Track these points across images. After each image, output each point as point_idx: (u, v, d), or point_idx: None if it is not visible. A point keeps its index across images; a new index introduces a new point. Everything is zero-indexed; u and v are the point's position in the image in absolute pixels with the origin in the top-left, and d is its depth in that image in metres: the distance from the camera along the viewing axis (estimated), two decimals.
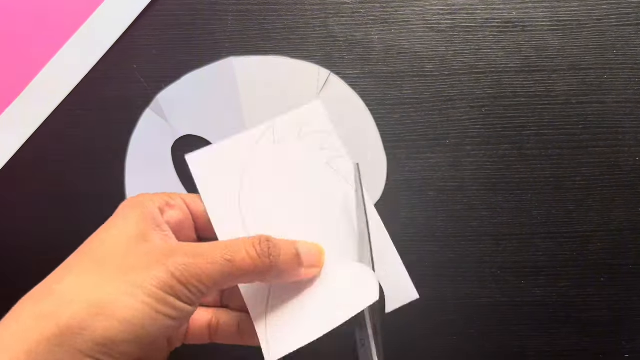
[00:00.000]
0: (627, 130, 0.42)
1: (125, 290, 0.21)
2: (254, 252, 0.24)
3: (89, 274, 0.22)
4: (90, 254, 0.24)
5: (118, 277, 0.22)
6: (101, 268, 0.22)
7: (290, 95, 0.43)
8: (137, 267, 0.22)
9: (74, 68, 0.42)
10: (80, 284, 0.22)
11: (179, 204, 0.28)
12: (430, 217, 0.42)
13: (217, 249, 0.24)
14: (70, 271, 0.23)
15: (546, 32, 0.42)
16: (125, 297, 0.21)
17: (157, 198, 0.27)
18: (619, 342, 0.42)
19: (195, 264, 0.23)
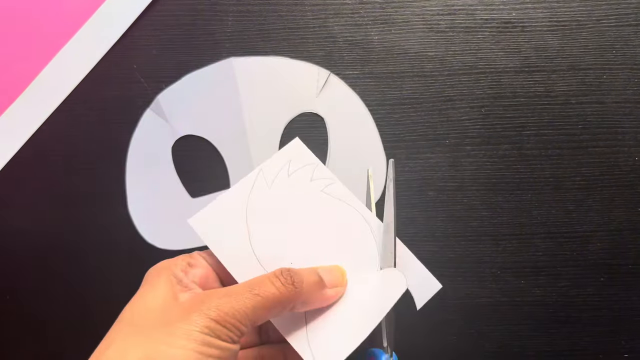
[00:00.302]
0: (627, 130, 0.42)
1: (170, 342, 0.23)
2: (278, 283, 0.26)
3: (132, 338, 0.24)
4: (128, 321, 0.25)
5: (160, 333, 0.23)
6: (142, 330, 0.24)
7: (290, 95, 0.43)
8: (175, 319, 0.24)
9: (74, 68, 0.42)
10: (126, 348, 0.23)
11: (200, 262, 0.29)
12: (430, 217, 0.42)
13: (244, 287, 0.25)
14: (114, 340, 0.24)
15: (546, 32, 0.42)
16: (171, 349, 0.22)
17: (179, 261, 0.29)
18: (618, 342, 0.42)
19: (228, 303, 0.24)
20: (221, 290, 0.26)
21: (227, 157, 0.43)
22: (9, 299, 0.43)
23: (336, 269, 0.29)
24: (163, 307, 0.25)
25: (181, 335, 0.23)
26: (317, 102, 0.43)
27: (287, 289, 0.26)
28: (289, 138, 0.42)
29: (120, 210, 0.42)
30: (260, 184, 0.32)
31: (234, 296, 0.25)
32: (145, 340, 0.23)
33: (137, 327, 0.24)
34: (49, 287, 0.43)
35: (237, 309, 0.24)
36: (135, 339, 0.23)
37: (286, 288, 0.26)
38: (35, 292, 0.43)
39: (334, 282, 0.29)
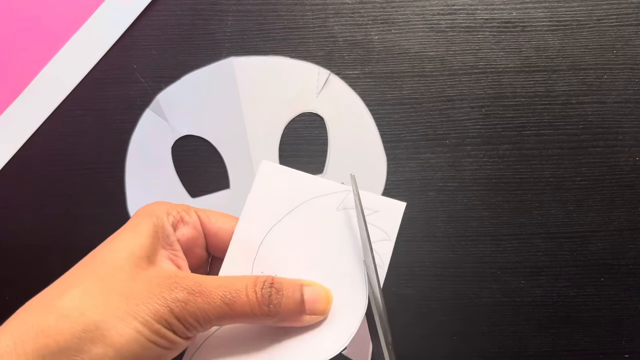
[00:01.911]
0: (627, 131, 0.42)
1: (124, 317, 0.22)
2: (254, 298, 0.24)
3: (90, 294, 0.22)
4: (95, 269, 0.24)
5: (119, 303, 0.22)
6: (103, 289, 0.23)
7: (290, 95, 0.43)
8: (138, 295, 0.22)
9: (74, 68, 0.42)
10: (81, 304, 0.22)
11: (193, 221, 0.27)
12: (430, 217, 0.42)
13: (218, 289, 0.24)
14: (73, 286, 0.23)
15: (546, 32, 0.42)
16: (123, 325, 0.21)
17: (173, 211, 0.27)
18: (619, 342, 0.42)
19: (195, 303, 0.23)
20: (193, 282, 0.23)
21: (227, 157, 0.43)
22: (8, 299, 0.43)
23: (323, 293, 0.26)
24: (134, 267, 0.24)
25: (137, 316, 0.22)
26: (317, 102, 0.43)
27: (261, 309, 0.24)
28: (289, 138, 0.43)
29: (120, 210, 0.42)
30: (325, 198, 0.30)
31: (204, 297, 0.23)
32: (101, 305, 0.22)
33: (100, 282, 0.23)
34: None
35: (202, 311, 0.23)
36: (92, 299, 0.22)
37: (260, 308, 0.24)
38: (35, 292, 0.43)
39: (316, 309, 0.26)
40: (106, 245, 0.25)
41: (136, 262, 0.24)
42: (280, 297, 0.24)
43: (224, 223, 0.28)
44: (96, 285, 0.23)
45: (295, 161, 0.43)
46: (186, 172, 0.43)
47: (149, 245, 0.25)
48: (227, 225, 0.28)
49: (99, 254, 0.25)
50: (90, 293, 0.22)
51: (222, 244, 0.28)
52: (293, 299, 0.25)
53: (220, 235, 0.28)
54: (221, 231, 0.28)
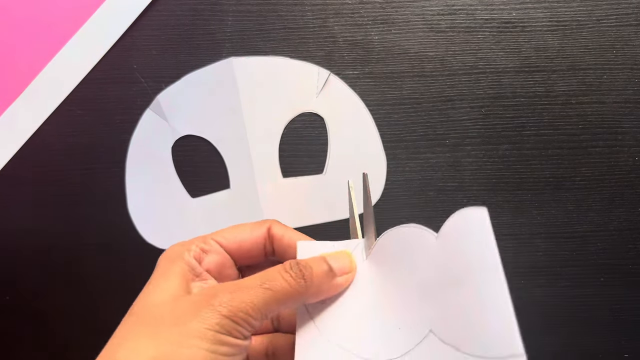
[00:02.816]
0: (627, 131, 0.42)
1: (181, 342, 0.22)
2: (289, 277, 0.25)
3: (144, 338, 0.23)
4: (140, 318, 0.25)
5: (171, 332, 0.23)
6: (154, 329, 0.23)
7: (290, 95, 0.43)
8: (185, 317, 0.23)
9: (74, 68, 0.42)
10: (138, 349, 0.23)
11: (214, 248, 0.29)
12: (430, 217, 0.42)
13: (255, 280, 0.25)
14: (125, 339, 0.24)
15: (546, 32, 0.42)
16: (183, 349, 0.22)
17: (193, 247, 0.28)
18: (619, 342, 0.42)
19: (239, 297, 0.24)
20: (231, 283, 0.25)
21: (227, 156, 0.43)
22: (9, 299, 0.43)
23: (343, 255, 0.28)
24: (174, 300, 0.25)
25: (193, 334, 0.22)
26: (317, 102, 0.43)
27: (298, 282, 0.25)
28: (289, 138, 0.43)
29: (120, 210, 0.42)
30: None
31: (245, 290, 0.24)
32: (156, 340, 0.23)
33: (148, 324, 0.24)
34: (49, 287, 0.43)
35: (248, 303, 0.24)
36: (147, 341, 0.23)
37: (297, 282, 0.25)
38: (35, 292, 0.43)
39: (343, 269, 0.28)
40: (142, 296, 0.26)
41: (176, 298, 0.25)
42: (309, 268, 0.26)
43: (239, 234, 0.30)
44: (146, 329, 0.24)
45: (295, 161, 0.43)
46: (186, 172, 0.43)
47: (181, 282, 0.26)
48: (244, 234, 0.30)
49: (138, 305, 0.26)
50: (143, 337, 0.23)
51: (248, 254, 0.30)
52: (322, 269, 0.27)
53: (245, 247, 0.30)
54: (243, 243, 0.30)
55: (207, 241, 0.29)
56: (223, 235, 0.29)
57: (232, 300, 0.23)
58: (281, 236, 0.30)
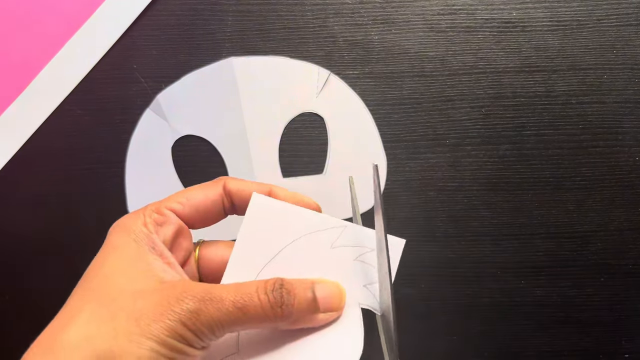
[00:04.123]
0: (627, 131, 0.42)
1: (137, 340, 0.21)
2: (265, 300, 0.23)
3: (96, 321, 0.22)
4: (93, 296, 0.23)
5: (128, 325, 0.21)
6: (109, 314, 0.22)
7: (290, 95, 0.43)
8: (147, 313, 0.22)
9: (74, 68, 0.42)
10: (88, 332, 0.21)
11: (169, 217, 0.27)
12: (430, 217, 0.42)
13: (228, 294, 0.23)
14: (76, 317, 0.22)
15: (546, 32, 0.42)
16: (138, 348, 0.21)
17: (147, 218, 0.26)
18: (619, 342, 0.42)
19: (207, 312, 0.22)
20: (202, 290, 0.23)
21: (227, 156, 0.43)
22: (8, 299, 0.43)
23: (335, 288, 0.26)
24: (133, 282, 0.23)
25: (151, 336, 0.21)
26: (317, 102, 0.43)
27: (274, 312, 0.23)
28: (289, 138, 0.43)
29: (120, 210, 0.42)
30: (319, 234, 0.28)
31: (215, 304, 0.22)
32: (108, 331, 0.21)
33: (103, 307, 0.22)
34: (49, 287, 0.43)
35: (214, 319, 0.22)
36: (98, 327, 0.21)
37: (273, 310, 0.23)
38: (35, 292, 0.43)
39: (329, 305, 0.25)
40: (95, 271, 0.24)
41: (133, 281, 0.23)
42: (291, 297, 0.24)
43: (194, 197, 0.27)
44: (99, 311, 0.22)
45: (295, 161, 0.43)
46: (186, 172, 0.43)
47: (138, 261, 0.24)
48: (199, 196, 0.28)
49: (92, 282, 0.24)
50: (95, 320, 0.22)
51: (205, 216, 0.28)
52: (305, 298, 0.24)
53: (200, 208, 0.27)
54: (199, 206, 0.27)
55: (161, 210, 0.26)
56: (177, 201, 0.27)
57: (199, 314, 0.22)
58: (239, 190, 0.28)
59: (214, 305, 0.22)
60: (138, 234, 0.25)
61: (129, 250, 0.24)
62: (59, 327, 0.22)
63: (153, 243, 0.25)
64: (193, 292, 0.23)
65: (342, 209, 0.43)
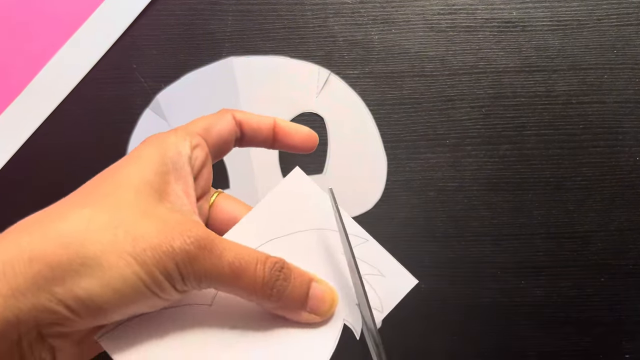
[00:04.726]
0: (627, 131, 0.42)
1: (127, 259, 0.20)
2: (261, 275, 0.22)
3: (96, 224, 0.21)
4: (101, 198, 0.22)
5: (125, 242, 0.20)
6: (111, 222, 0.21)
7: (290, 95, 0.43)
8: (147, 237, 0.21)
9: (74, 68, 0.42)
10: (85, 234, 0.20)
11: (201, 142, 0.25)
12: (430, 217, 0.42)
13: (229, 252, 0.22)
14: (77, 210, 0.21)
15: (546, 32, 0.42)
16: (125, 267, 0.20)
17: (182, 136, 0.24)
18: (619, 342, 0.42)
19: (202, 261, 0.21)
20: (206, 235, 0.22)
21: (227, 157, 0.43)
22: None
23: (330, 294, 0.25)
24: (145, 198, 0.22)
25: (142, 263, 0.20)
26: (317, 101, 0.43)
27: (264, 290, 0.23)
28: None
29: None
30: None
31: (213, 258, 0.21)
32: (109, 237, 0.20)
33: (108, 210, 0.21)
34: None
35: (207, 273, 0.21)
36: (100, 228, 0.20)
37: (263, 288, 0.23)
38: None
39: (317, 308, 0.24)
40: (108, 174, 0.23)
41: (144, 198, 0.22)
42: (286, 284, 0.23)
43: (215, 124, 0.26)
44: (103, 216, 0.21)
45: (296, 161, 0.43)
46: None
47: (157, 178, 0.23)
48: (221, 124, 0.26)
49: (101, 185, 0.23)
50: (96, 222, 0.21)
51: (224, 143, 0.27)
52: (298, 291, 0.24)
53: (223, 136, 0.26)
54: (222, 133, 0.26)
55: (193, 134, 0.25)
56: (202, 127, 0.26)
57: (195, 258, 0.21)
58: (247, 119, 0.27)
59: (212, 259, 0.22)
60: (167, 149, 0.24)
61: (151, 164, 0.23)
62: (56, 214, 0.21)
63: (180, 164, 0.24)
64: (197, 235, 0.22)
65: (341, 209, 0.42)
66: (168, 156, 0.23)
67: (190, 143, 0.24)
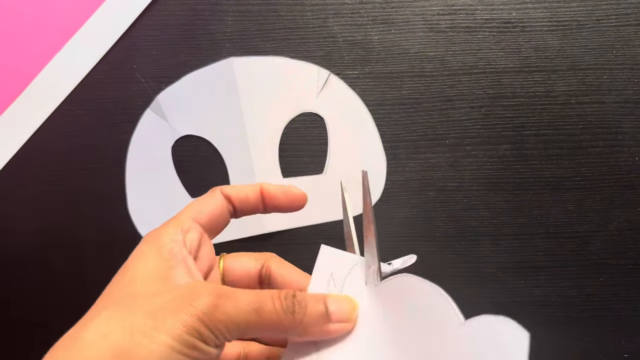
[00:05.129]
0: (627, 131, 0.42)
1: (152, 335, 0.21)
2: (279, 307, 0.24)
3: (114, 320, 0.22)
4: (113, 300, 0.24)
5: (145, 321, 0.22)
6: (127, 313, 0.22)
7: (290, 95, 0.43)
8: (163, 310, 0.22)
9: (74, 68, 0.42)
10: (105, 331, 0.22)
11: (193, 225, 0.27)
12: (430, 217, 0.42)
13: (245, 295, 0.23)
14: (96, 318, 0.23)
15: (546, 32, 0.42)
16: (152, 343, 0.21)
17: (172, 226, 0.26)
18: (618, 342, 0.42)
19: (223, 308, 0.23)
20: (219, 288, 0.24)
21: (227, 156, 0.43)
22: (9, 299, 0.43)
23: (346, 300, 0.26)
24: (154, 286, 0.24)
25: (166, 331, 0.21)
26: (317, 102, 0.43)
27: (286, 316, 0.24)
28: (289, 138, 0.43)
29: (120, 210, 0.42)
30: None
31: (232, 302, 0.23)
32: (126, 327, 0.22)
33: (122, 307, 0.23)
34: (49, 287, 0.43)
35: (231, 319, 0.22)
36: (117, 323, 0.22)
37: (285, 315, 0.24)
38: (36, 292, 0.43)
39: (341, 316, 0.26)
40: (117, 279, 0.25)
41: (155, 281, 0.24)
42: (304, 307, 0.25)
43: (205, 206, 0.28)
44: (118, 311, 0.23)
45: (295, 161, 0.43)
46: (186, 172, 0.43)
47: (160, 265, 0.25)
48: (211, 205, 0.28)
49: (113, 289, 0.25)
50: (114, 318, 0.22)
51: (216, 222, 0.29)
52: (317, 309, 0.25)
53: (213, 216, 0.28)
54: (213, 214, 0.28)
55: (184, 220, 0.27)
56: (194, 211, 0.28)
57: (215, 309, 0.22)
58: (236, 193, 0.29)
59: (231, 302, 0.23)
60: (162, 242, 0.25)
61: (151, 258, 0.25)
62: (78, 328, 0.23)
63: (176, 250, 0.25)
64: (210, 289, 0.23)
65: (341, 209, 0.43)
66: (164, 246, 0.25)
67: (181, 229, 0.26)
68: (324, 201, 0.43)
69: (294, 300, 0.24)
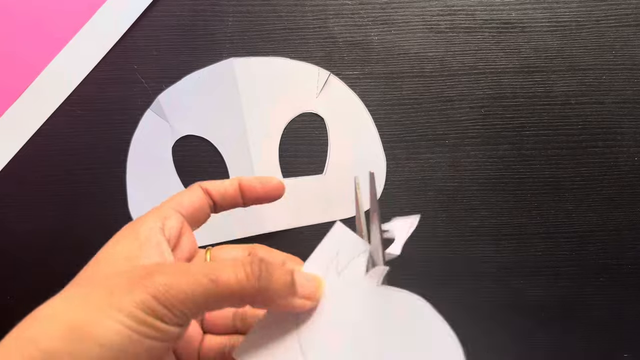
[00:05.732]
0: (626, 131, 0.42)
1: (107, 311, 0.21)
2: (241, 273, 0.23)
3: (75, 297, 0.23)
4: (82, 278, 0.25)
5: (100, 298, 0.22)
6: (87, 291, 0.23)
7: (290, 95, 0.43)
8: (119, 287, 0.22)
9: (75, 68, 0.42)
10: (63, 307, 0.22)
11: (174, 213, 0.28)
12: (430, 217, 0.42)
13: (202, 268, 0.23)
14: (56, 297, 0.23)
15: (545, 32, 0.42)
16: (107, 319, 0.21)
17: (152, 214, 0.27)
18: (618, 342, 0.42)
19: (177, 284, 0.22)
20: (173, 265, 0.23)
21: (227, 157, 0.43)
22: (9, 299, 0.43)
23: (314, 278, 0.26)
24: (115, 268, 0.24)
25: (120, 308, 0.21)
26: (317, 102, 0.43)
27: (250, 283, 0.23)
28: (289, 138, 0.43)
29: (120, 210, 0.42)
30: None
31: (185, 276, 0.22)
32: (84, 305, 0.22)
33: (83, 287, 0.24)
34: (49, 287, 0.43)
35: (186, 291, 0.22)
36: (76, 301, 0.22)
37: (248, 281, 0.23)
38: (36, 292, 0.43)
39: (306, 293, 0.25)
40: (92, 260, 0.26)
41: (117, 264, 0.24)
42: (270, 274, 0.24)
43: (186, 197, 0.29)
44: (77, 290, 0.23)
45: (295, 161, 0.43)
46: (186, 172, 0.43)
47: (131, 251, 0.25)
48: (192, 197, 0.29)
49: (86, 269, 0.26)
50: (75, 296, 0.23)
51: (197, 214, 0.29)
52: (284, 279, 0.24)
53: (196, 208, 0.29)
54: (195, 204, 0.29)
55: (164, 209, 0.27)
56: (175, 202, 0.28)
57: (168, 286, 0.22)
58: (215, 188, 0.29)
59: (186, 278, 0.22)
60: (140, 228, 0.26)
61: (125, 241, 0.25)
62: (42, 306, 0.23)
63: (151, 235, 0.26)
64: (164, 268, 0.23)
65: (341, 209, 0.43)
66: (141, 232, 0.26)
67: (160, 217, 0.27)
68: (324, 201, 0.43)
69: (261, 265, 0.24)
